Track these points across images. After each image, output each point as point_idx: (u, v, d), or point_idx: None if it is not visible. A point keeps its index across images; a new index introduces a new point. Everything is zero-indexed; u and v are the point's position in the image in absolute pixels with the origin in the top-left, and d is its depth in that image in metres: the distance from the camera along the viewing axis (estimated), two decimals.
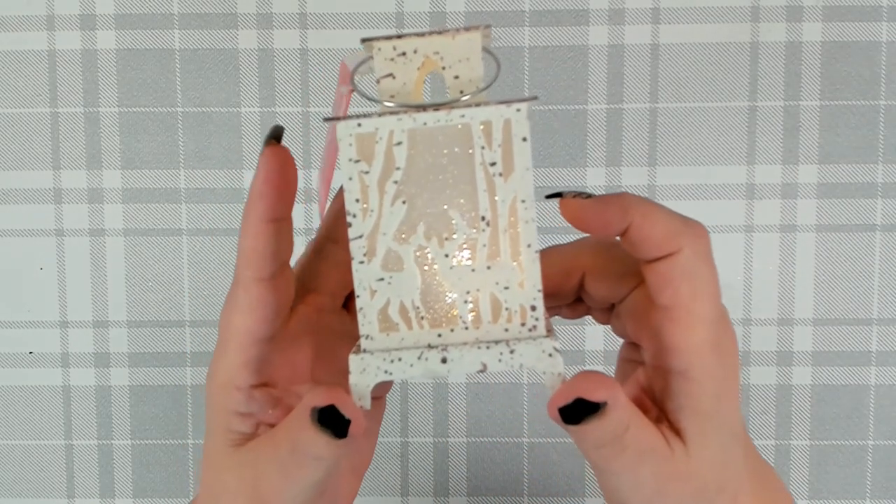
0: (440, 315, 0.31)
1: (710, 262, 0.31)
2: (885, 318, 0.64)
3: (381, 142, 0.31)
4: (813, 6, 0.63)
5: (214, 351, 0.35)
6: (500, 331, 0.30)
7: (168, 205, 0.65)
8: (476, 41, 0.31)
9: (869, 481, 0.65)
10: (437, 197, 0.31)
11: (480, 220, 0.30)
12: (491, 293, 0.31)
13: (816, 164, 0.64)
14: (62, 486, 0.67)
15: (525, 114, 0.30)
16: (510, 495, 0.67)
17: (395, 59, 0.32)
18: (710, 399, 0.32)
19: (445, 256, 0.31)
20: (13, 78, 0.65)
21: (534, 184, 0.30)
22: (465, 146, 0.30)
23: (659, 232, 0.31)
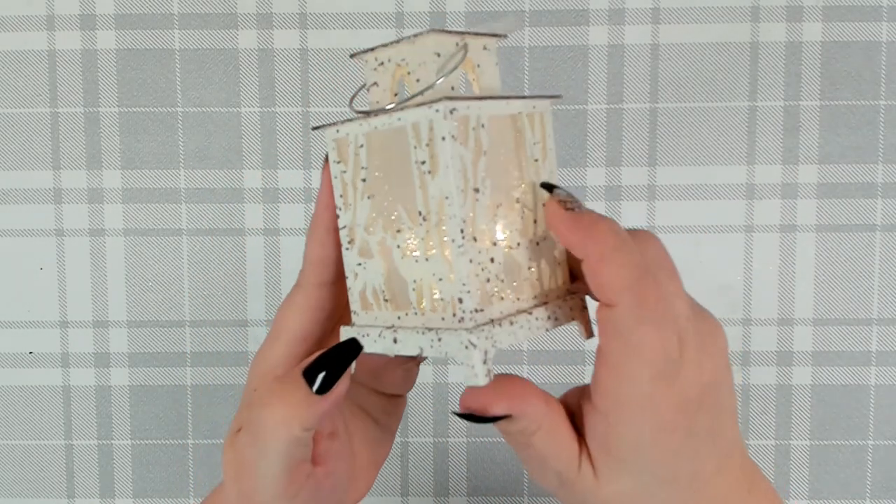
0: (399, 300, 0.34)
1: (650, 323, 0.30)
2: (885, 318, 0.64)
3: (351, 145, 0.34)
4: (813, 6, 0.63)
5: (264, 342, 0.37)
6: (438, 319, 0.32)
7: (168, 205, 0.65)
8: (429, 44, 0.32)
9: (869, 481, 0.65)
10: (390, 193, 0.33)
11: (418, 215, 0.32)
12: (430, 283, 0.32)
13: (816, 164, 0.64)
14: (62, 486, 0.67)
15: (443, 115, 0.30)
16: (510, 495, 0.67)
17: (377, 69, 0.35)
18: (627, 446, 0.32)
19: (398, 247, 0.33)
20: (13, 78, 0.65)
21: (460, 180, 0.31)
22: (404, 146, 0.32)
23: (601, 280, 0.31)
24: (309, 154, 0.65)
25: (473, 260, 0.31)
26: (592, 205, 0.64)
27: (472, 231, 0.31)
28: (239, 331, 0.66)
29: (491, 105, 0.32)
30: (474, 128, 0.32)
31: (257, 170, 0.65)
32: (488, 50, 0.34)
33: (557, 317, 0.33)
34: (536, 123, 0.34)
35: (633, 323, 0.30)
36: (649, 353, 0.30)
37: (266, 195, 0.65)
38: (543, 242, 0.34)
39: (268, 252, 0.65)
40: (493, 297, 0.32)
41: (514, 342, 0.32)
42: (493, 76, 0.34)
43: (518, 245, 0.33)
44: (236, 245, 0.66)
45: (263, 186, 0.65)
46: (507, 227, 0.33)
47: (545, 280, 0.34)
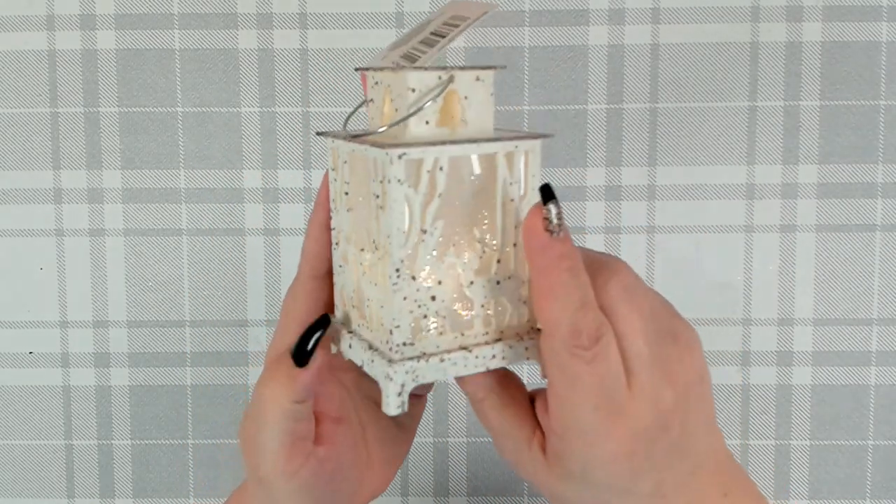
0: (362, 310, 0.36)
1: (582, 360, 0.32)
2: (885, 318, 0.64)
3: (340, 158, 0.36)
4: (813, 6, 0.63)
5: (275, 331, 0.39)
6: (381, 340, 0.34)
7: (168, 205, 0.65)
8: (408, 79, 0.33)
9: (869, 481, 0.65)
10: (362, 213, 0.35)
11: (372, 242, 0.34)
12: (377, 307, 0.34)
13: (816, 164, 0.64)
14: (62, 486, 0.67)
15: (390, 159, 0.31)
16: (510, 495, 0.67)
17: (373, 87, 0.36)
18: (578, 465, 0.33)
19: (360, 265, 0.35)
20: (13, 78, 0.65)
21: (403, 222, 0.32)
22: (369, 175, 0.34)
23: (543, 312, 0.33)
24: (309, 154, 0.65)
25: (408, 297, 0.33)
26: (592, 205, 0.64)
27: (410, 270, 0.33)
28: (239, 331, 0.66)
29: (454, 148, 0.33)
30: (429, 171, 0.32)
31: (257, 170, 0.65)
32: (482, 81, 0.34)
33: (506, 356, 0.35)
34: (516, 163, 0.34)
35: (567, 357, 0.32)
36: (586, 387, 0.32)
37: (266, 195, 0.65)
38: (506, 281, 0.35)
39: (268, 252, 0.65)
40: (430, 332, 0.34)
41: (441, 378, 0.34)
42: (484, 108, 0.35)
43: (472, 283, 0.34)
44: (236, 245, 0.66)
45: (263, 186, 0.65)
46: (459, 266, 0.34)
47: (503, 318, 0.35)
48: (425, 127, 0.33)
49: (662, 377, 0.33)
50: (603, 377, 0.32)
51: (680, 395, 0.33)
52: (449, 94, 0.34)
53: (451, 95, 0.34)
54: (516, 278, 0.35)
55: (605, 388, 0.32)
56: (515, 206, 0.34)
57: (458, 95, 0.34)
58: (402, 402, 0.33)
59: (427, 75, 0.33)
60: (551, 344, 0.32)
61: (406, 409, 0.33)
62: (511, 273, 0.35)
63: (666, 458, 0.33)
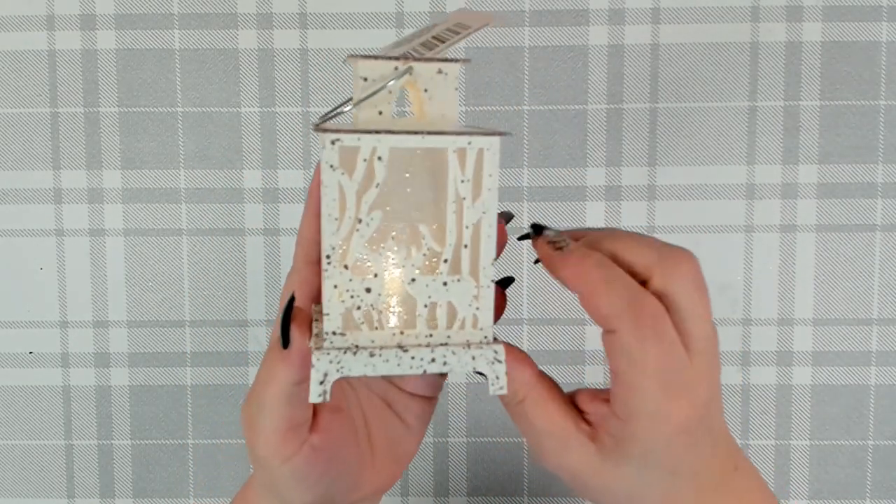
0: None
1: (648, 340, 0.33)
2: (885, 318, 0.64)
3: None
4: (813, 6, 0.63)
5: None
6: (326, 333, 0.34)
7: (168, 205, 0.65)
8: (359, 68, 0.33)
9: (869, 481, 0.65)
10: None
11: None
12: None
13: (816, 164, 0.64)
14: (62, 486, 0.67)
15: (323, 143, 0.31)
16: (510, 495, 0.67)
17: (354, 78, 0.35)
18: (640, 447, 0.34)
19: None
20: (13, 78, 0.65)
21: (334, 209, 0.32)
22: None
23: (599, 310, 0.33)
24: (309, 154, 0.65)
25: (339, 286, 0.32)
26: (592, 205, 0.64)
27: (342, 258, 0.32)
28: (239, 331, 0.66)
29: (396, 139, 0.32)
30: (366, 159, 0.32)
31: (257, 170, 0.65)
32: (444, 74, 0.34)
33: (448, 362, 0.33)
34: (469, 161, 0.33)
35: (635, 342, 0.33)
36: (653, 367, 0.33)
37: (266, 195, 0.65)
38: (455, 284, 0.34)
39: (268, 252, 0.65)
40: (364, 324, 0.33)
41: (370, 373, 0.33)
42: (446, 102, 0.34)
43: (413, 281, 0.33)
44: (236, 245, 0.66)
45: (263, 186, 0.65)
46: (400, 261, 0.33)
47: (450, 322, 0.34)
48: (377, 117, 0.33)
49: (714, 356, 0.34)
50: (669, 357, 0.33)
51: (718, 376, 0.35)
52: (408, 86, 0.34)
53: (409, 87, 0.34)
54: (467, 281, 0.34)
55: (671, 368, 0.33)
56: (467, 206, 0.33)
57: (418, 87, 0.33)
58: (325, 392, 0.32)
59: (381, 64, 0.33)
60: (617, 338, 0.33)
61: (328, 398, 0.32)
62: (461, 276, 0.34)
63: (705, 434, 0.35)
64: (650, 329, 0.33)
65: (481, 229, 0.33)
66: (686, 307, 0.34)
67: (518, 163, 0.64)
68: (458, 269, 0.34)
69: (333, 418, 0.38)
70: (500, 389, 0.34)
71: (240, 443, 0.67)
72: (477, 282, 0.34)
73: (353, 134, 0.31)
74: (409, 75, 0.33)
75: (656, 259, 0.34)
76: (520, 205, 0.64)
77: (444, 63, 0.33)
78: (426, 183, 0.33)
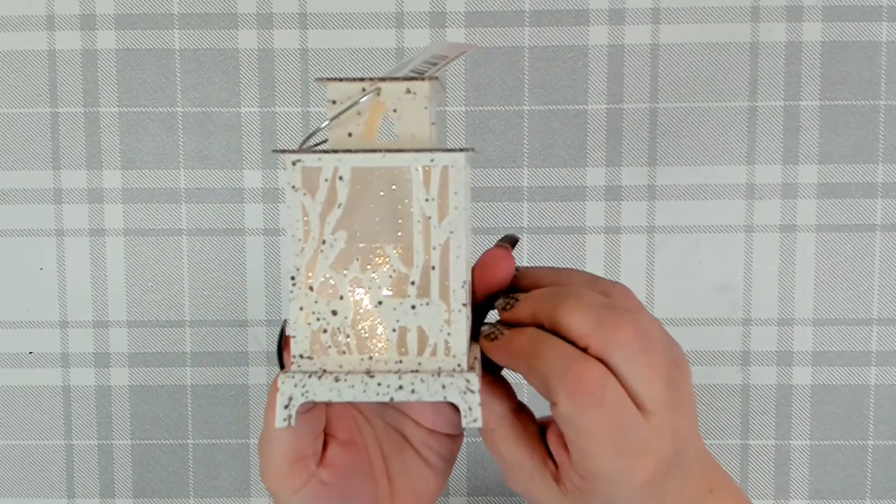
0: None
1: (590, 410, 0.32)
2: (885, 318, 0.64)
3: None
4: (813, 6, 0.63)
5: None
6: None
7: (168, 205, 0.65)
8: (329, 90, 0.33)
9: (869, 481, 0.65)
10: None
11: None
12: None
13: (816, 164, 0.64)
14: (62, 486, 0.67)
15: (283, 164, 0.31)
16: (510, 495, 0.67)
17: None
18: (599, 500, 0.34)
19: None
20: (13, 78, 0.65)
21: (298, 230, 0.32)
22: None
23: (536, 385, 0.33)
24: None
25: (304, 309, 0.32)
26: (592, 205, 0.64)
27: (307, 280, 0.32)
28: (239, 331, 0.66)
29: (357, 158, 0.31)
30: (327, 179, 0.32)
31: (257, 170, 0.65)
32: (413, 93, 0.33)
33: (417, 390, 0.32)
34: (434, 179, 0.32)
35: (576, 414, 0.32)
36: (599, 434, 0.32)
37: (266, 195, 0.65)
38: (423, 307, 0.33)
39: (268, 252, 0.65)
40: (331, 349, 0.32)
41: (335, 399, 0.32)
42: (418, 121, 0.33)
43: (380, 304, 0.32)
44: (236, 245, 0.66)
45: (263, 186, 0.65)
46: (366, 283, 0.32)
47: (421, 348, 0.33)
48: (345, 139, 0.33)
49: (676, 408, 0.33)
50: (616, 420, 0.32)
51: (689, 418, 0.34)
52: (376, 107, 0.33)
53: (377, 108, 0.33)
54: (436, 305, 0.33)
55: (623, 431, 0.32)
56: (434, 226, 0.32)
57: (385, 108, 0.33)
58: (290, 416, 0.31)
59: (348, 86, 0.33)
60: (558, 410, 0.32)
61: (293, 423, 0.32)
62: (430, 299, 0.33)
63: (674, 476, 0.34)
64: (587, 397, 0.31)
65: (449, 250, 0.32)
66: (629, 371, 0.32)
67: (518, 163, 0.64)
68: (427, 291, 0.32)
69: (344, 452, 0.37)
70: (474, 422, 0.32)
71: (240, 443, 0.67)
72: (448, 306, 0.32)
73: (314, 154, 0.31)
74: (377, 95, 0.33)
75: (594, 326, 0.32)
76: (520, 205, 0.64)
77: (412, 82, 0.33)
78: (392, 202, 0.33)
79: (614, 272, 0.65)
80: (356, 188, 0.32)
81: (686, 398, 0.34)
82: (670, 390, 0.33)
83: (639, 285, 0.65)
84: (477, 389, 0.32)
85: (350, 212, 0.32)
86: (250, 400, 0.66)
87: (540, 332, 0.33)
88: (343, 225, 0.32)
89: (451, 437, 0.40)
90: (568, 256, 0.65)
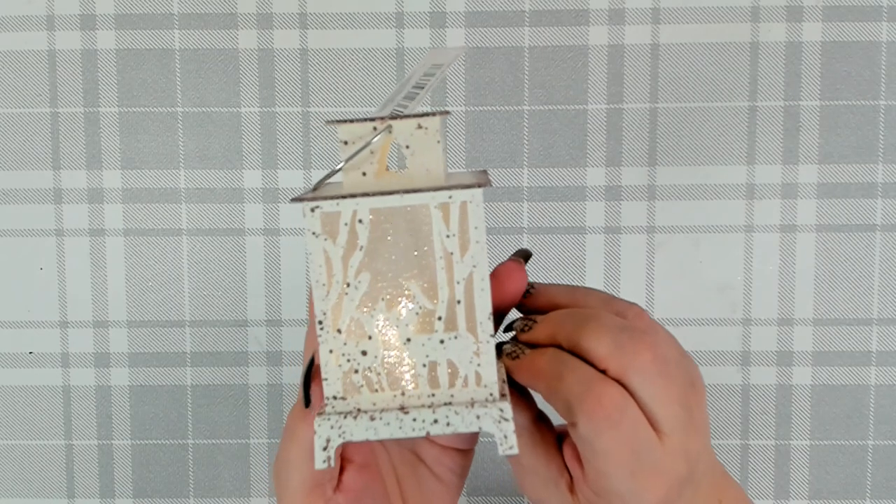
0: None
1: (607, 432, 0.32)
2: (885, 318, 0.64)
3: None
4: (813, 6, 0.63)
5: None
6: None
7: (168, 205, 0.65)
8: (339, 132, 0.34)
9: (869, 481, 0.65)
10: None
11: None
12: None
13: (816, 164, 0.64)
14: (62, 486, 0.67)
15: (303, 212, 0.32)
16: (510, 495, 0.67)
17: None
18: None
19: None
20: (13, 78, 0.65)
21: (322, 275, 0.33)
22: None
23: (555, 406, 0.34)
24: (309, 154, 0.65)
25: (334, 350, 0.32)
26: (592, 205, 0.64)
27: (334, 323, 0.32)
28: (239, 331, 0.66)
29: (375, 200, 0.32)
30: (347, 223, 0.32)
31: (257, 170, 0.65)
32: (424, 129, 0.33)
33: (451, 423, 0.33)
34: (453, 215, 0.32)
35: (594, 435, 0.32)
36: (615, 455, 0.33)
37: (266, 195, 0.65)
38: (452, 341, 0.33)
39: (268, 252, 0.65)
40: (363, 388, 0.33)
41: (372, 437, 0.32)
42: (431, 156, 0.33)
43: (408, 341, 0.33)
44: (236, 245, 0.66)
45: (263, 186, 0.65)
46: (393, 322, 0.33)
47: (454, 380, 0.33)
48: (361, 179, 0.33)
49: (690, 429, 0.34)
50: (633, 444, 0.32)
51: (703, 437, 0.35)
52: (387, 144, 0.33)
53: (388, 144, 0.33)
54: (465, 338, 0.33)
55: (638, 453, 0.33)
56: (456, 261, 0.33)
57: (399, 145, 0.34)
58: (329, 458, 0.32)
59: (359, 127, 0.33)
60: (576, 430, 0.33)
61: (333, 464, 0.32)
62: (457, 332, 0.33)
63: (684, 494, 0.35)
64: (605, 418, 0.32)
65: (473, 283, 0.32)
66: (647, 394, 0.33)
67: (518, 163, 0.64)
68: (455, 325, 0.33)
69: (360, 476, 0.38)
70: (511, 449, 0.32)
71: (240, 443, 0.67)
72: (476, 337, 0.33)
73: (332, 200, 0.32)
74: (389, 133, 0.33)
75: (613, 349, 0.33)
76: (520, 205, 0.64)
77: (423, 118, 0.33)
78: (413, 240, 0.33)
79: (614, 272, 0.65)
80: (376, 229, 0.32)
81: (701, 419, 0.35)
82: (686, 412, 0.34)
83: (639, 285, 0.65)
84: (511, 417, 0.33)
85: (372, 253, 0.33)
86: (250, 400, 0.66)
87: (560, 354, 0.34)
88: (366, 266, 0.32)
89: (463, 453, 0.41)
90: (568, 256, 0.65)
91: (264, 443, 0.67)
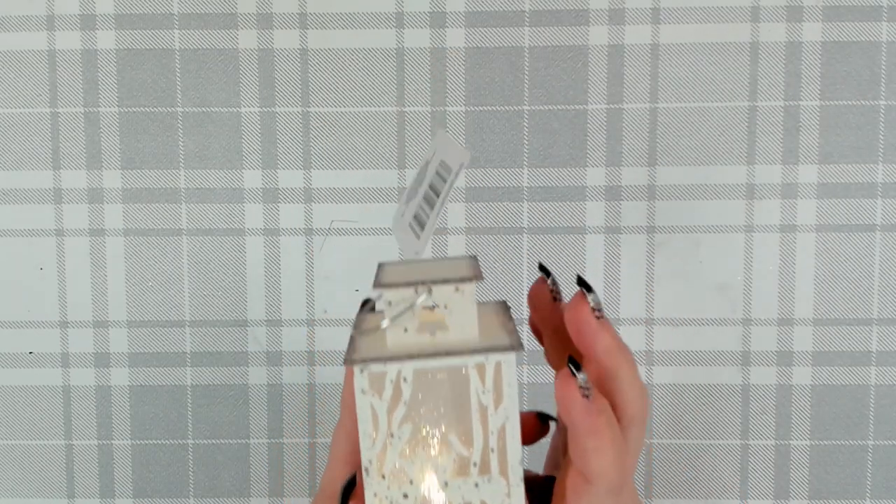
0: None
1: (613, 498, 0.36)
2: (885, 318, 0.64)
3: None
4: (813, 6, 0.63)
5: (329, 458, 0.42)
6: None
7: (168, 205, 0.65)
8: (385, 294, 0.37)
9: (869, 481, 0.65)
10: None
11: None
12: None
13: (816, 164, 0.64)
14: (62, 486, 0.67)
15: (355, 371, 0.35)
16: None
17: None
18: None
19: None
20: (13, 78, 0.65)
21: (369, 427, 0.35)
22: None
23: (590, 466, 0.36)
24: (309, 154, 0.65)
25: (378, 494, 0.35)
26: (592, 205, 0.64)
27: (379, 469, 0.35)
28: (239, 331, 0.66)
29: (419, 363, 0.35)
30: (392, 380, 0.35)
31: (257, 170, 0.65)
32: (461, 292, 0.36)
33: None
34: (488, 373, 0.36)
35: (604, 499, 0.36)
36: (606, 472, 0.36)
37: (266, 195, 0.65)
38: (486, 484, 0.36)
39: (268, 252, 0.65)
40: None
41: None
42: (467, 316, 0.36)
43: (446, 484, 0.36)
44: (236, 245, 0.66)
45: (263, 186, 0.65)
46: (432, 468, 0.36)
47: None
48: (403, 335, 0.36)
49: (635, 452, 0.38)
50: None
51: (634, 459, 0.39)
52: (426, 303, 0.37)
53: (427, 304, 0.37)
54: (497, 481, 0.36)
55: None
56: (490, 414, 0.36)
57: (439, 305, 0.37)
58: None
59: (403, 291, 0.36)
60: (596, 490, 0.35)
61: None
62: (490, 475, 0.36)
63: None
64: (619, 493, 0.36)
65: (506, 433, 0.36)
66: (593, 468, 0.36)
67: (518, 163, 0.64)
68: (489, 469, 0.36)
69: None
70: None
71: (240, 443, 0.67)
72: (507, 480, 0.36)
73: (379, 362, 0.35)
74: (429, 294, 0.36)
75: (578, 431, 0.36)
76: (520, 205, 0.64)
77: (461, 283, 0.36)
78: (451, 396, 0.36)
79: (614, 272, 0.65)
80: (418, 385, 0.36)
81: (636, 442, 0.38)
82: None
83: (639, 285, 0.65)
84: None
85: (413, 406, 0.36)
86: (250, 400, 0.66)
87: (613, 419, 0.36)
88: (408, 418, 0.36)
89: None
90: (568, 256, 0.65)
91: (264, 443, 0.67)
